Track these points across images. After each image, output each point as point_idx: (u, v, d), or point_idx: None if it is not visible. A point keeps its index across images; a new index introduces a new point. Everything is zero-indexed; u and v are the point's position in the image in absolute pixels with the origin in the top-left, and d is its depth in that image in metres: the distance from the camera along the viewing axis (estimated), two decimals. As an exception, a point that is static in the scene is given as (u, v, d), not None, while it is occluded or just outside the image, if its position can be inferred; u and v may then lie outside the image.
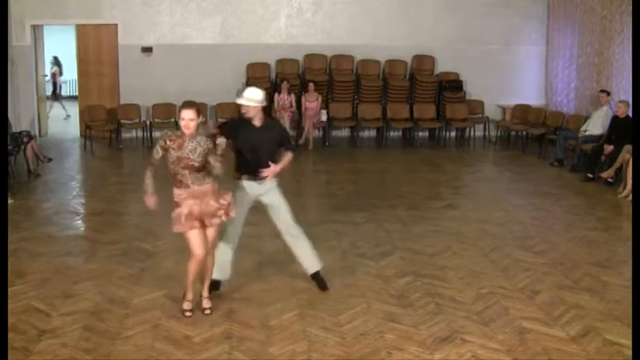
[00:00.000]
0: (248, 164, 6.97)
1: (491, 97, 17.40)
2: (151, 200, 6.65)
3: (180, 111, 6.52)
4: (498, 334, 6.38)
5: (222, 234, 7.07)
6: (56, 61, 22.67)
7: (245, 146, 6.94)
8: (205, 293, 6.88)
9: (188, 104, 6.54)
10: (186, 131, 6.48)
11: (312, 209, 10.68)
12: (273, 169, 6.96)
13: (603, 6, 15.19)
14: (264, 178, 6.96)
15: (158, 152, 6.57)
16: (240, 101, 6.91)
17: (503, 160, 15.64)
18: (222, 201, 6.66)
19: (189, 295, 6.80)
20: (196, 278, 6.77)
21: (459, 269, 8.07)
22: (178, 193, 6.57)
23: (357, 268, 8.07)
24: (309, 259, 7.36)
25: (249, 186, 7.01)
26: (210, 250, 6.76)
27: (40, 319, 6.62)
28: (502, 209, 10.83)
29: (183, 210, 6.52)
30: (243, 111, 6.95)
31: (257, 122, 6.95)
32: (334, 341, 6.22)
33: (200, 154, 6.47)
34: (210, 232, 6.69)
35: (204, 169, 6.55)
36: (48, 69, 20.76)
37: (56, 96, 22.37)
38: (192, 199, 6.52)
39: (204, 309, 6.79)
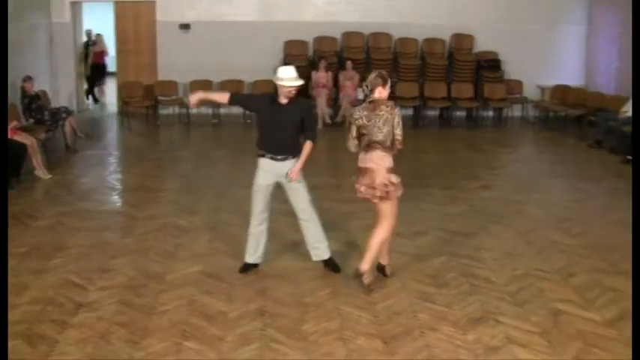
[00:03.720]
0: (270, 142, 6.92)
1: (530, 77, 17.19)
2: None
3: None
4: (532, 315, 6.34)
5: (250, 220, 7.16)
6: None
7: (269, 124, 6.89)
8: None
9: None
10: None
11: (347, 187, 10.58)
12: (297, 169, 6.93)
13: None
14: (284, 159, 6.92)
15: None
16: (290, 84, 6.74)
17: (542, 141, 15.49)
18: None
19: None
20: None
21: (495, 250, 8.03)
22: None
23: (392, 247, 8.03)
24: (320, 246, 7.29)
25: (270, 165, 6.96)
26: None
27: (77, 293, 6.71)
28: (539, 191, 10.74)
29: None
30: (287, 92, 6.79)
31: (284, 100, 6.86)
32: (367, 319, 6.23)
33: None
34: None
35: None
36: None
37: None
38: None
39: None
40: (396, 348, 5.74)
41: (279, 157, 6.91)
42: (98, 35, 19.22)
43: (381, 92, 6.70)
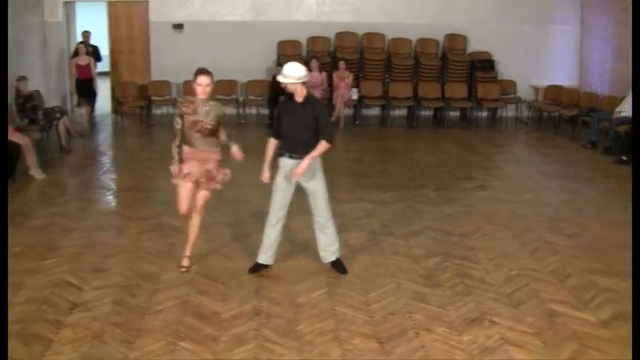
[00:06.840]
0: (287, 140, 6.93)
1: (523, 78, 17.25)
2: (176, 169, 7.04)
3: (196, 77, 6.95)
4: (527, 316, 6.35)
5: (267, 218, 7.15)
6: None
7: (286, 122, 6.91)
8: (187, 252, 7.31)
9: (204, 71, 7.03)
10: (202, 96, 6.92)
11: (342, 187, 10.66)
12: (302, 166, 6.79)
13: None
14: (301, 157, 6.84)
15: (177, 122, 7.01)
16: (278, 78, 6.85)
17: (535, 141, 15.50)
18: (221, 172, 7.16)
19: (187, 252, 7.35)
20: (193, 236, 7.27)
21: (489, 250, 8.04)
22: (186, 151, 6.99)
23: (386, 247, 8.07)
24: (329, 249, 7.25)
25: (288, 163, 6.93)
26: (199, 211, 7.19)
27: (71, 293, 6.69)
28: (533, 191, 10.75)
29: (184, 167, 6.97)
30: (282, 86, 6.89)
31: (298, 98, 6.85)
32: (362, 320, 6.22)
33: (213, 118, 6.91)
34: (202, 195, 7.13)
35: (214, 135, 6.98)
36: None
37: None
38: (195, 160, 6.97)
39: (181, 267, 7.23)
40: (392, 348, 5.74)
41: (294, 155, 6.88)
42: (80, 44, 16.40)
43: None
